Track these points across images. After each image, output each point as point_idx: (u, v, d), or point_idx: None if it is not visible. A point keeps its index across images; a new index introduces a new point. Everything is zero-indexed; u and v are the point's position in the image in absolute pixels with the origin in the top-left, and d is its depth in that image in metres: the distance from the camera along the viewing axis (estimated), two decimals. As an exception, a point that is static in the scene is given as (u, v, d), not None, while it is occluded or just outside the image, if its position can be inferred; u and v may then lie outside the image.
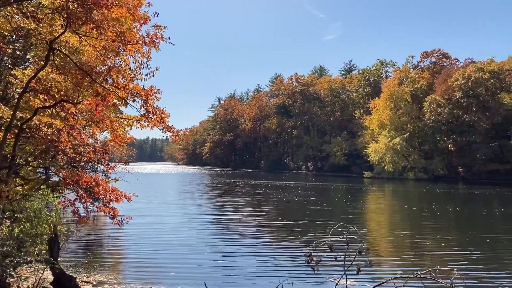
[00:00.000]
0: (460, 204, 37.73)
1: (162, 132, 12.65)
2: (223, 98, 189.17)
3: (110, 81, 12.40)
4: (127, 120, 15.25)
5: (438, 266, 6.16)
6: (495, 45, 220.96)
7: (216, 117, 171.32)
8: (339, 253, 6.44)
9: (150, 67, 12.43)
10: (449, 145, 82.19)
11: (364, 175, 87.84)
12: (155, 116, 12.47)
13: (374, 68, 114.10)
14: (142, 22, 12.36)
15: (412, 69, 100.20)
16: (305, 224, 24.23)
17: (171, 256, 15.93)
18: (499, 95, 79.09)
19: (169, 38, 12.20)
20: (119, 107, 15.37)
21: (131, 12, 11.70)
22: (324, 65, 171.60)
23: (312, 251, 6.09)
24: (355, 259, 6.00)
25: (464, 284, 12.40)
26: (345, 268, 6.03)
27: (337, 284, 8.54)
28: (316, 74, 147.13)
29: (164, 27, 12.39)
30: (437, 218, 28.33)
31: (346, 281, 8.09)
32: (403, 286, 7.60)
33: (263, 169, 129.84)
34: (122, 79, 12.45)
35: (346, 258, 6.03)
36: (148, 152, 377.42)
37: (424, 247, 18.77)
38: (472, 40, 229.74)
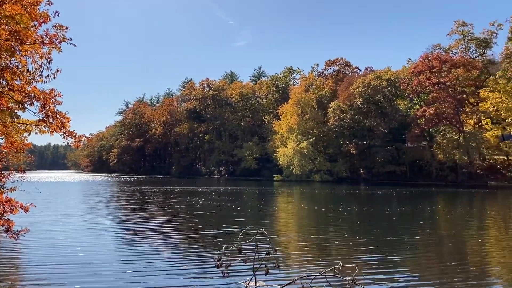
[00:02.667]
0: (365, 204, 40.14)
1: (63, 137, 11.94)
2: (132, 102, 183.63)
3: (4, 83, 11.46)
4: (24, 125, 14.15)
5: (341, 264, 6.51)
6: (391, 55, 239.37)
7: (124, 122, 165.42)
8: (249, 256, 6.54)
9: (51, 69, 11.70)
10: (351, 149, 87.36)
11: (274, 179, 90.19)
12: (55, 121, 11.74)
13: (283, 75, 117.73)
14: (41, 21, 11.60)
15: (317, 77, 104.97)
16: (218, 228, 24.26)
17: (75, 272, 14.97)
18: (395, 102, 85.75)
19: (71, 39, 11.59)
20: (15, 111, 14.22)
21: (28, 10, 10.92)
22: (235, 71, 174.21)
23: (221, 256, 6.12)
24: (264, 260, 6.13)
25: (364, 279, 13.20)
26: (254, 270, 6.15)
27: (246, 287, 8.67)
28: (227, 79, 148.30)
29: (66, 27, 11.75)
30: (344, 218, 29.89)
31: (256, 282, 8.25)
32: (310, 284, 7.95)
33: (174, 175, 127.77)
34: (18, 81, 11.56)
35: (255, 261, 6.15)
36: (50, 159, 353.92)
37: (332, 246, 19.70)
38: (372, 50, 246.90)
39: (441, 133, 79.06)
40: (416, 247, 19.49)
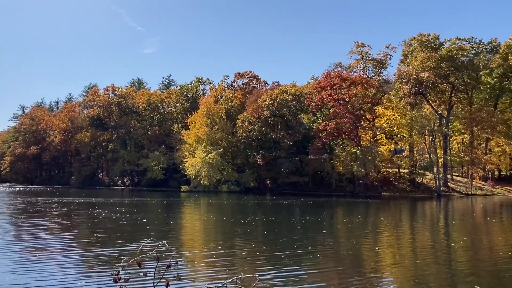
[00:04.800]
0: (271, 214, 41.03)
1: None
2: (29, 107, 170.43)
3: None
4: None
5: (243, 274, 6.56)
6: (297, 71, 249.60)
7: (19, 128, 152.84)
8: (149, 269, 6.34)
9: None
10: (258, 160, 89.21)
11: (181, 189, 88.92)
12: None
13: (192, 84, 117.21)
14: None
15: (226, 88, 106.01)
16: (121, 242, 23.21)
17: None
18: (299, 116, 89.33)
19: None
20: None
21: None
22: (142, 78, 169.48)
23: (120, 269, 5.86)
24: (165, 274, 5.97)
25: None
26: (154, 284, 5.96)
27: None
28: (134, 86, 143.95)
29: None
30: (251, 228, 30.26)
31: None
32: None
33: (74, 186, 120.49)
34: None
35: (156, 274, 5.97)
36: None
37: (237, 257, 19.79)
38: (279, 65, 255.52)
39: (341, 146, 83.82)
40: (318, 255, 20.31)
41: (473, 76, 77.62)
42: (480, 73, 77.62)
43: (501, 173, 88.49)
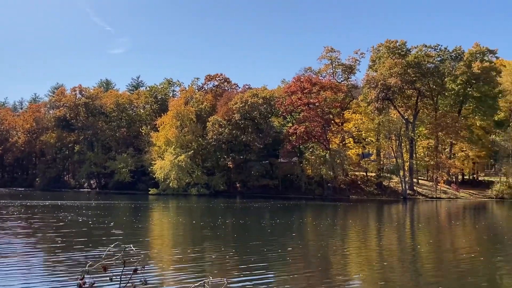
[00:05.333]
0: (241, 217, 40.93)
1: None
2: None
3: None
4: None
5: (211, 278, 6.46)
6: (268, 74, 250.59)
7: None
8: (115, 274, 6.17)
9: None
10: (229, 163, 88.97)
11: (150, 192, 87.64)
12: None
13: (162, 86, 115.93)
14: None
15: (197, 90, 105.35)
16: (88, 246, 22.61)
17: None
18: (270, 119, 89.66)
19: None
20: None
21: None
22: (110, 79, 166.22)
23: (84, 274, 5.67)
24: (131, 278, 5.82)
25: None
26: (121, 289, 5.80)
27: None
28: (102, 87, 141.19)
29: None
30: (221, 231, 30.07)
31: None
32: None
33: (38, 188, 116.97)
34: None
35: (122, 278, 5.81)
36: None
37: (207, 261, 19.61)
38: (250, 68, 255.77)
39: (310, 150, 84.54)
40: (288, 258, 20.36)
41: (438, 82, 79.79)
42: (445, 79, 79.90)
43: (465, 177, 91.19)
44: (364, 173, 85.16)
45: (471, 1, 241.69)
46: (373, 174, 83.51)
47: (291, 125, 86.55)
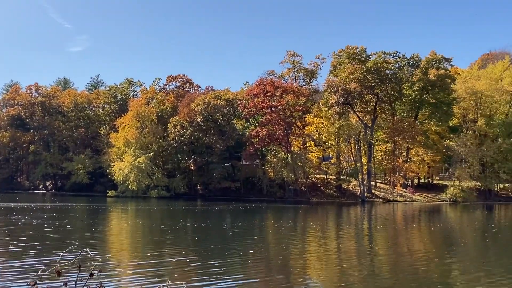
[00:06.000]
0: (203, 220, 40.57)
1: None
2: None
3: None
4: None
5: (170, 282, 6.34)
6: (231, 76, 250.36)
7: None
8: (70, 279, 5.95)
9: None
10: (190, 165, 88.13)
11: (108, 194, 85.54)
12: None
13: (122, 86, 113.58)
14: None
15: (158, 91, 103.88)
16: (41, 249, 21.76)
17: None
18: (232, 121, 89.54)
19: None
20: None
21: None
22: (69, 78, 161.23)
23: (37, 280, 5.42)
24: (87, 283, 5.62)
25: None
26: (76, 294, 5.58)
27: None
28: (60, 86, 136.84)
29: None
30: (182, 234, 29.67)
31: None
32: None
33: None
34: None
35: (77, 283, 5.60)
36: None
37: (167, 265, 19.27)
38: (212, 70, 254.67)
39: (272, 153, 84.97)
40: (249, 261, 20.32)
41: (396, 88, 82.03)
42: (403, 86, 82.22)
43: (420, 180, 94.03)
44: (324, 176, 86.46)
45: (429, 11, 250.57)
46: (333, 177, 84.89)
47: (253, 127, 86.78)
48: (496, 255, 24.70)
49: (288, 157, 79.36)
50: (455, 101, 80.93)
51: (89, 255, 5.92)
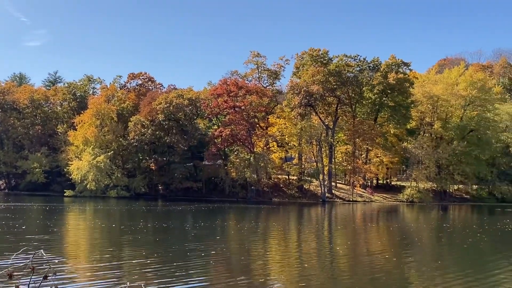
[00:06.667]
0: (164, 220, 39.95)
1: None
2: None
3: None
4: None
5: (128, 284, 6.16)
6: (194, 75, 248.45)
7: None
8: (23, 281, 5.67)
9: None
10: (151, 164, 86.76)
11: (65, 194, 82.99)
12: None
13: (81, 83, 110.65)
14: None
15: (119, 89, 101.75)
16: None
17: None
18: (195, 121, 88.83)
19: None
20: None
21: None
22: (25, 73, 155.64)
23: (-13, 284, 5.14)
24: (41, 285, 5.37)
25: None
26: (29, 298, 5.33)
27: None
28: (15, 81, 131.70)
29: None
30: (143, 235, 29.07)
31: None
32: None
33: None
34: None
35: (31, 286, 5.34)
36: None
37: (126, 267, 18.82)
38: (175, 68, 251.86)
39: (235, 153, 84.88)
40: (211, 262, 20.14)
41: (357, 91, 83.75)
42: (363, 88, 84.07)
43: (379, 181, 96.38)
44: (286, 177, 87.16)
45: (390, 16, 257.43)
46: (295, 178, 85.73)
47: (216, 127, 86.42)
48: (450, 254, 25.61)
49: (251, 158, 79.46)
50: (413, 105, 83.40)
51: (44, 257, 5.67)
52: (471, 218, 57.05)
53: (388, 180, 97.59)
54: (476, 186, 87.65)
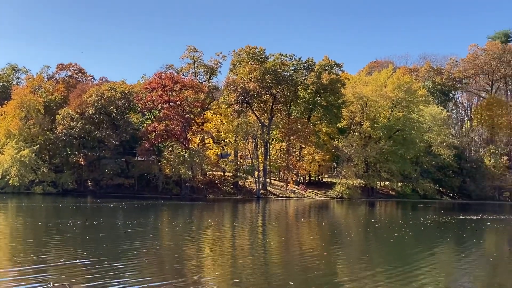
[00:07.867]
0: (95, 218, 38.44)
1: None
2: None
3: None
4: None
5: (51, 283, 5.90)
6: (127, 68, 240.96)
7: None
8: None
9: None
10: (80, 159, 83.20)
11: (-16, 190, 77.57)
12: None
13: (4, 72, 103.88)
14: None
15: (46, 79, 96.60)
16: None
17: None
18: (128, 115, 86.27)
19: None
20: None
21: None
22: None
23: None
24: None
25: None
26: None
27: None
28: None
29: None
30: (71, 234, 27.80)
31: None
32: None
33: None
34: None
35: None
36: None
37: (54, 265, 17.94)
38: (108, 60, 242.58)
39: (169, 149, 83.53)
40: (144, 260, 19.73)
41: (292, 90, 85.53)
42: (298, 88, 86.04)
43: (311, 178, 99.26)
44: (222, 173, 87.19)
45: (324, 17, 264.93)
46: (230, 174, 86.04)
47: (150, 122, 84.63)
48: (377, 248, 26.96)
49: (186, 154, 78.61)
50: (344, 105, 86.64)
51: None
52: (396, 213, 60.32)
53: (319, 177, 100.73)
54: (401, 183, 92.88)
